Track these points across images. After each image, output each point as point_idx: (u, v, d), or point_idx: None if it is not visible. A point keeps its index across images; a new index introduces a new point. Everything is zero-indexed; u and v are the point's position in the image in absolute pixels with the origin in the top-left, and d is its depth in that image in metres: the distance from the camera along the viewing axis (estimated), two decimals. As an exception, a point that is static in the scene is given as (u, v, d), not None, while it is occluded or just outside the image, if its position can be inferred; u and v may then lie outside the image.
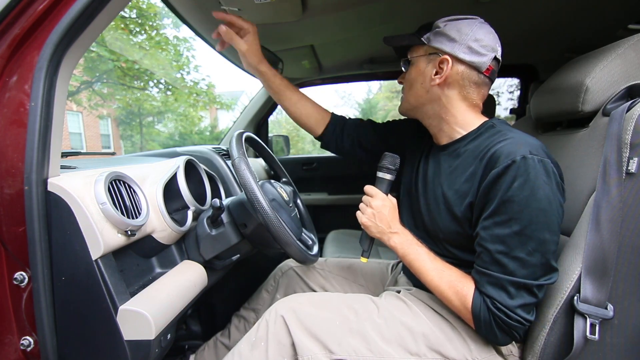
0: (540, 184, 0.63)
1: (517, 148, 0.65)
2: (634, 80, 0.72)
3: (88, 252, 0.63)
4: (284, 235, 0.75)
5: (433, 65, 0.78)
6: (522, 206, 0.63)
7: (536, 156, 0.64)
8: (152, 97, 10.61)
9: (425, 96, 0.81)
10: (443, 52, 0.76)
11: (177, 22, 9.84)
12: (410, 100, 0.84)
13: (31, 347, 0.66)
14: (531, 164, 0.63)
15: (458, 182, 0.75)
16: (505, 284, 0.65)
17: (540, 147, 0.67)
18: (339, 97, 21.44)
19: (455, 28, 0.76)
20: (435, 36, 0.78)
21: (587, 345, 0.65)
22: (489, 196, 0.67)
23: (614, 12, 1.33)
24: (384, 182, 0.86)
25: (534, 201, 0.63)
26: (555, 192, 0.64)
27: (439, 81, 0.77)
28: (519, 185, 0.63)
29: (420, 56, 0.81)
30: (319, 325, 0.75)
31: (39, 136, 0.60)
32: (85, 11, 0.60)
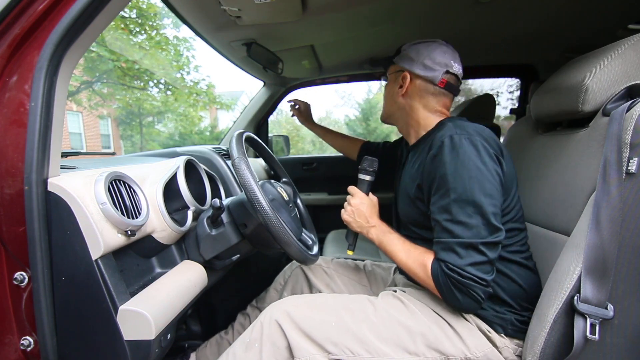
0: (468, 155, 0.73)
1: (448, 131, 0.78)
2: (634, 80, 0.72)
3: (88, 252, 0.63)
4: (284, 235, 0.75)
5: (397, 80, 0.95)
6: (454, 177, 0.73)
7: (462, 135, 0.75)
8: (152, 97, 10.60)
9: (394, 106, 0.98)
10: (404, 70, 0.93)
11: (177, 22, 9.84)
12: (385, 110, 1.04)
13: (31, 347, 0.66)
14: (457, 141, 0.75)
15: (413, 171, 0.89)
16: (453, 246, 0.72)
17: (470, 127, 0.78)
18: (339, 97, 21.46)
19: (415, 50, 0.92)
20: (401, 57, 0.95)
21: (587, 345, 0.65)
22: (430, 176, 0.79)
23: (614, 12, 1.33)
24: (363, 183, 0.99)
25: (464, 171, 0.73)
26: (487, 162, 0.74)
27: (402, 93, 0.94)
28: (449, 160, 0.74)
29: (391, 73, 0.98)
30: (315, 326, 0.75)
31: (39, 136, 0.60)
32: (85, 11, 0.60)
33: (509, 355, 0.76)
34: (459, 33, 1.53)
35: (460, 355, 0.74)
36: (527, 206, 0.94)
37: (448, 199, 0.74)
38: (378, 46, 1.69)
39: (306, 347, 0.74)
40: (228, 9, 1.10)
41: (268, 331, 0.76)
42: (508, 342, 0.77)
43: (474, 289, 0.71)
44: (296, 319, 0.76)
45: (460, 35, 1.57)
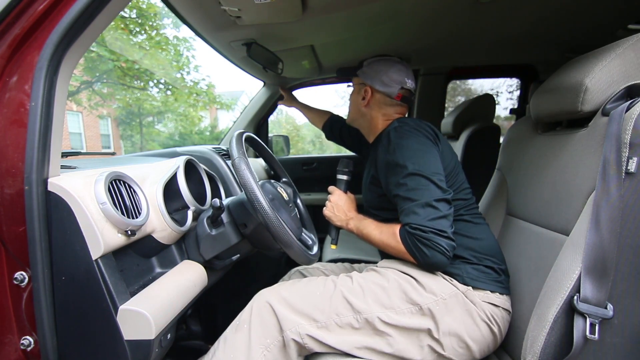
0: (407, 138, 0.89)
1: (392, 126, 0.95)
2: (633, 80, 0.72)
3: (88, 252, 0.63)
4: (284, 235, 0.75)
5: (361, 92, 1.09)
6: (402, 156, 0.87)
7: (402, 125, 0.93)
8: (152, 97, 10.60)
9: (357, 113, 1.12)
10: (365, 84, 1.07)
11: (177, 22, 9.84)
12: (350, 116, 1.17)
13: (31, 347, 0.66)
14: (399, 129, 0.92)
15: (369, 165, 1.04)
16: (413, 208, 0.83)
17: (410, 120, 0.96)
18: (339, 97, 21.44)
19: (374, 67, 1.06)
20: (362, 72, 1.08)
21: (587, 345, 0.65)
22: (384, 162, 0.93)
23: (614, 12, 1.33)
24: (341, 182, 1.12)
25: (406, 150, 0.87)
26: (424, 141, 0.90)
27: (364, 104, 1.08)
28: (395, 145, 0.89)
29: (355, 84, 1.13)
30: (302, 300, 0.83)
31: (39, 136, 0.60)
32: (85, 11, 0.60)
33: (474, 299, 0.84)
34: (459, 33, 1.53)
35: (429, 301, 0.82)
36: (527, 206, 0.94)
37: (401, 174, 0.86)
38: (378, 46, 1.69)
39: (293, 319, 0.80)
40: (228, 9, 1.10)
41: (257, 312, 0.82)
42: (471, 290, 0.85)
43: (437, 241, 0.79)
44: (285, 297, 0.84)
45: (460, 35, 1.57)
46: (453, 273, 0.87)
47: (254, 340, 0.78)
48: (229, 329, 0.83)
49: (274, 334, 0.79)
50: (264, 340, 0.78)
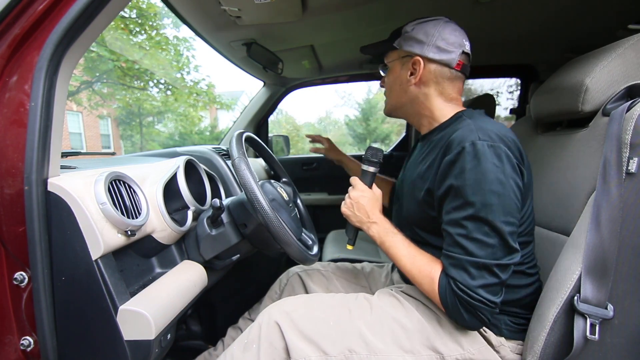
0: (490, 167, 0.66)
1: (468, 135, 0.69)
2: (634, 80, 0.72)
3: (88, 252, 0.63)
4: (284, 235, 0.75)
5: (407, 67, 0.84)
6: (474, 190, 0.66)
7: (485, 141, 0.67)
8: (152, 97, 10.61)
9: (404, 96, 0.87)
10: (414, 54, 0.83)
11: (177, 22, 9.84)
12: (392, 102, 0.91)
13: (31, 347, 0.66)
14: (480, 149, 0.67)
15: (423, 169, 0.81)
16: (466, 265, 0.67)
17: (493, 131, 0.69)
18: (339, 97, 21.49)
19: (422, 30, 0.82)
20: (405, 40, 0.84)
21: (587, 345, 0.65)
22: (444, 182, 0.71)
23: (614, 12, 1.33)
24: (367, 175, 0.91)
25: (485, 184, 0.66)
26: (510, 175, 0.67)
27: (415, 81, 0.84)
28: (469, 169, 0.67)
29: (394, 60, 0.87)
30: (313, 326, 0.75)
31: (39, 136, 0.60)
32: (85, 11, 0.60)
33: (506, 354, 0.75)
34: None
35: (455, 353, 0.73)
36: (527, 206, 0.94)
37: (464, 213, 0.67)
38: (378, 46, 1.69)
39: (303, 349, 0.73)
40: (228, 9, 1.10)
41: (266, 332, 0.76)
42: (504, 341, 0.76)
43: (482, 311, 0.67)
44: (294, 319, 0.76)
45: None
46: (490, 324, 0.76)
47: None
48: (236, 347, 0.78)
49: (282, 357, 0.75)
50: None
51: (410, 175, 0.87)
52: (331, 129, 17.79)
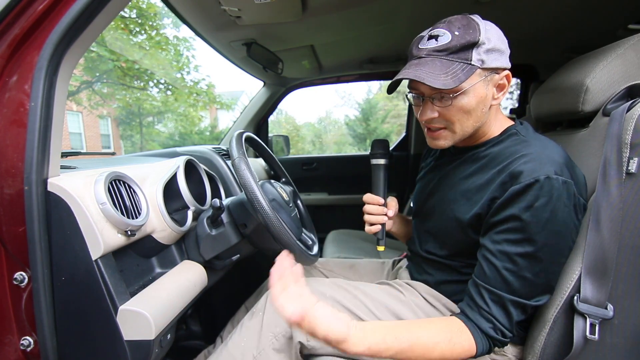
0: (561, 206, 0.61)
1: (542, 166, 0.62)
2: (634, 80, 0.72)
3: (88, 252, 0.63)
4: (284, 236, 0.75)
5: (493, 84, 0.69)
6: (539, 228, 0.61)
7: (561, 177, 0.61)
8: (152, 97, 10.61)
9: (478, 121, 0.71)
10: (502, 69, 0.69)
11: (177, 22, 9.84)
12: (464, 132, 0.72)
13: (31, 347, 0.66)
14: (555, 185, 0.60)
15: (470, 188, 0.72)
16: (506, 303, 0.64)
17: (564, 164, 0.63)
18: (339, 97, 21.50)
19: (496, 36, 0.67)
20: (488, 54, 0.66)
21: (586, 345, 0.65)
22: (504, 211, 0.64)
23: (614, 12, 1.33)
24: (379, 168, 0.86)
25: (552, 224, 0.61)
26: (573, 216, 0.63)
27: (502, 96, 0.71)
28: (540, 206, 0.61)
29: (477, 82, 0.67)
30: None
31: (39, 136, 0.60)
32: (85, 11, 0.60)
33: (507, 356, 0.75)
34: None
35: None
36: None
37: (521, 249, 0.62)
38: (378, 46, 1.69)
39: None
40: (228, 9, 1.10)
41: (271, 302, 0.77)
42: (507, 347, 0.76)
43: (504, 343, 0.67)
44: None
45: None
46: None
47: (265, 326, 0.77)
48: (246, 316, 0.82)
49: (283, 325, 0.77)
50: (274, 329, 0.77)
51: (449, 191, 0.78)
52: (331, 129, 17.80)
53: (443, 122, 0.72)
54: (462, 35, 0.66)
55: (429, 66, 0.66)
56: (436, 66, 0.66)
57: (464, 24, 0.67)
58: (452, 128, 0.72)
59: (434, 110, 0.71)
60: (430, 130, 0.75)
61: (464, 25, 0.67)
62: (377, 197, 0.87)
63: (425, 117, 0.72)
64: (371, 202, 0.87)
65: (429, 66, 0.66)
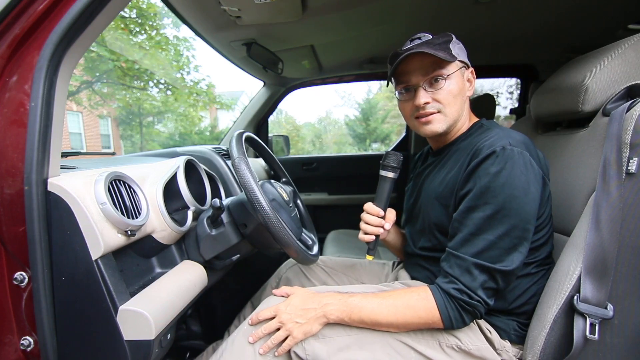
0: (516, 173, 0.67)
1: (499, 140, 0.70)
2: (634, 80, 0.72)
3: (88, 252, 0.63)
4: (284, 236, 0.75)
5: (466, 77, 0.83)
6: (496, 192, 0.67)
7: (515, 147, 0.68)
8: (152, 97, 10.61)
9: (462, 108, 0.82)
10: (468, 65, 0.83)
11: (177, 22, 9.84)
12: (454, 115, 0.81)
13: (31, 347, 0.66)
14: (509, 153, 0.68)
15: (449, 176, 0.79)
16: (470, 267, 0.68)
17: (522, 141, 0.71)
18: (339, 97, 21.52)
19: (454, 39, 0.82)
20: (460, 50, 0.81)
21: (586, 345, 0.65)
22: (468, 182, 0.72)
23: (614, 12, 1.33)
24: (386, 181, 0.88)
25: (508, 188, 0.66)
26: (532, 183, 0.68)
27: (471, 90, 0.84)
28: (495, 172, 0.67)
29: (456, 71, 0.79)
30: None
31: (39, 136, 0.60)
32: (85, 11, 0.60)
33: (508, 358, 0.75)
34: (459, 33, 1.52)
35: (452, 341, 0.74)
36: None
37: (482, 213, 0.68)
38: (378, 46, 1.69)
39: None
40: (228, 9, 1.10)
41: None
42: (508, 346, 0.76)
43: (479, 309, 0.69)
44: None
45: (460, 35, 1.57)
46: (498, 326, 0.77)
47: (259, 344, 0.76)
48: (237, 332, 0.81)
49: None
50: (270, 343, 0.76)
51: (434, 189, 0.83)
52: (331, 129, 17.80)
53: (436, 106, 0.80)
54: (439, 36, 0.80)
55: (425, 47, 0.76)
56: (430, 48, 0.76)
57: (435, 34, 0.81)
58: (445, 111, 0.80)
59: (427, 96, 0.79)
60: (422, 117, 0.81)
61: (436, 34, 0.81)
62: (377, 209, 0.88)
63: (421, 101, 0.79)
64: (371, 213, 0.89)
65: (425, 47, 0.76)
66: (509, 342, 0.76)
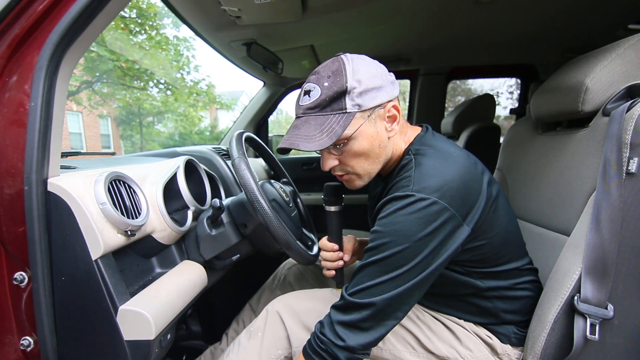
0: (410, 222, 0.60)
1: (407, 184, 0.63)
2: (634, 80, 0.72)
3: (88, 252, 0.63)
4: (283, 236, 0.75)
5: (381, 119, 0.69)
6: (386, 240, 0.61)
7: (419, 194, 0.60)
8: (152, 97, 10.61)
9: (384, 152, 0.71)
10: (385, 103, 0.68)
11: (177, 22, 9.84)
12: (368, 171, 0.72)
13: (31, 347, 0.66)
14: (409, 201, 0.60)
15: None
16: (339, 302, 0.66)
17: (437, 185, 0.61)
18: (339, 97, 21.39)
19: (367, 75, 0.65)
20: (362, 97, 0.65)
21: (587, 345, 0.65)
22: (373, 223, 0.67)
23: (614, 12, 1.33)
24: (332, 215, 0.85)
25: (402, 238, 0.60)
26: (431, 233, 0.60)
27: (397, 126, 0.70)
28: (390, 220, 0.62)
29: (361, 125, 0.66)
30: (312, 318, 0.78)
31: (39, 136, 0.60)
32: (85, 11, 0.60)
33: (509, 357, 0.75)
34: (459, 33, 1.53)
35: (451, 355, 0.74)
36: (528, 206, 0.94)
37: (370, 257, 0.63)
38: (378, 46, 1.69)
39: (303, 337, 0.77)
40: (228, 9, 1.10)
41: (270, 321, 0.80)
42: (510, 349, 0.76)
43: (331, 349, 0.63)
44: (296, 310, 0.80)
45: (460, 35, 1.57)
46: (497, 332, 0.76)
47: (265, 349, 0.78)
48: (243, 334, 0.83)
49: (284, 346, 0.79)
50: (275, 351, 0.78)
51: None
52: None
53: (344, 169, 0.73)
54: (330, 86, 0.65)
55: (304, 128, 0.67)
56: (310, 126, 0.66)
57: (333, 71, 0.66)
58: (354, 172, 0.72)
59: (333, 158, 0.72)
60: (339, 176, 0.75)
61: (333, 73, 0.65)
62: (331, 245, 0.85)
63: (326, 167, 0.73)
64: (326, 249, 0.86)
65: (304, 128, 0.67)
66: (509, 346, 0.76)
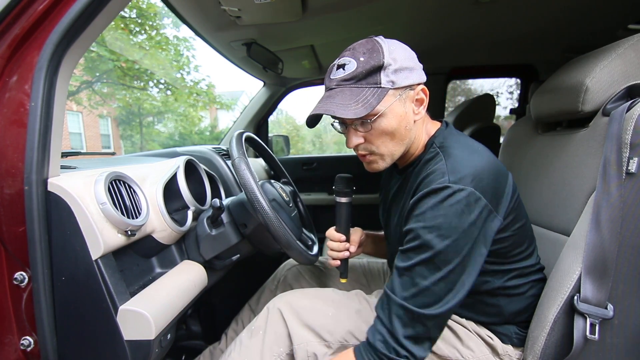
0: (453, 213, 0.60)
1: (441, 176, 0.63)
2: (634, 80, 0.72)
3: (88, 252, 0.63)
4: (283, 236, 0.75)
5: (410, 100, 0.69)
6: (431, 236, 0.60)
7: (457, 185, 0.60)
8: (152, 97, 10.61)
9: (409, 135, 0.71)
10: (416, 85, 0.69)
11: (177, 22, 9.84)
12: (392, 153, 0.72)
13: (31, 347, 0.66)
14: (448, 193, 0.60)
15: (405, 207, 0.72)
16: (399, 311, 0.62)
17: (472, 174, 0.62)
18: (339, 97, 21.39)
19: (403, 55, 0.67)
20: (396, 74, 0.66)
21: (587, 345, 0.65)
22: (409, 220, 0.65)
23: (614, 12, 1.33)
24: (341, 206, 0.86)
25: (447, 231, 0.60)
26: (473, 223, 0.60)
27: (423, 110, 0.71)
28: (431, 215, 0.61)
29: (392, 103, 0.67)
30: (313, 316, 0.79)
31: (39, 136, 0.60)
32: (85, 11, 0.60)
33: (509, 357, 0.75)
34: (459, 33, 1.53)
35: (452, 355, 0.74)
36: (528, 206, 0.94)
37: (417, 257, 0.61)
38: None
39: (303, 335, 0.77)
40: (228, 9, 1.10)
41: (272, 319, 0.80)
42: (511, 350, 0.75)
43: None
44: (297, 309, 0.80)
45: (460, 35, 1.57)
46: (499, 332, 0.76)
47: (266, 347, 0.78)
48: (244, 333, 0.83)
49: (285, 344, 0.79)
50: (276, 349, 0.78)
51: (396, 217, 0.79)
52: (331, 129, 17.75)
53: (368, 148, 0.72)
54: (367, 60, 0.66)
55: (339, 97, 0.66)
56: (346, 96, 0.66)
57: (368, 49, 0.67)
58: (379, 152, 0.72)
59: (359, 136, 0.71)
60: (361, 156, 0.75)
61: (368, 50, 0.67)
62: (339, 235, 0.87)
63: (352, 144, 0.72)
64: (333, 239, 0.88)
65: (339, 97, 0.66)
66: (511, 346, 0.76)
